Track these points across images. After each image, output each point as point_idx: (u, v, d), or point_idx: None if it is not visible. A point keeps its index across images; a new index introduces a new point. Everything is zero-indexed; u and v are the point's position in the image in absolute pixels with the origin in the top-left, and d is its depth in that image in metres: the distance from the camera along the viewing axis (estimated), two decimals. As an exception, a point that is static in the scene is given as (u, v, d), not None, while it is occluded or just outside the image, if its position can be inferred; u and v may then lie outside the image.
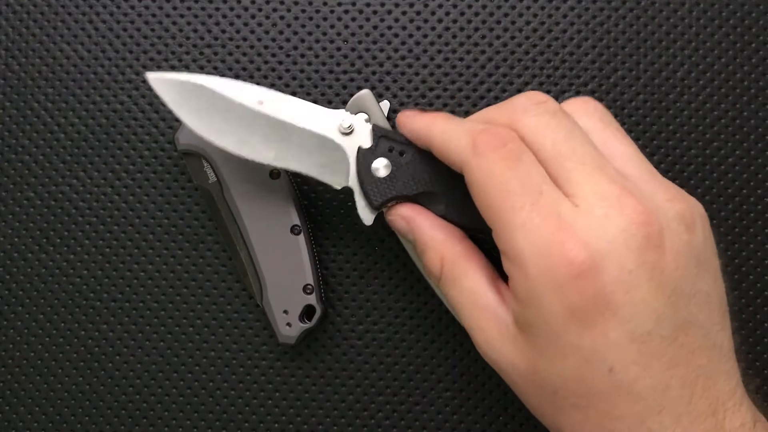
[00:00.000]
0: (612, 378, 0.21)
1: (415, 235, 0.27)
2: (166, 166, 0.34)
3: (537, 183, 0.23)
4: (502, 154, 0.23)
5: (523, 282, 0.22)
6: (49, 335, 0.34)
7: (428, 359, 0.33)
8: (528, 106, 0.24)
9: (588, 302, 0.21)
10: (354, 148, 0.28)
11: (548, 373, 0.22)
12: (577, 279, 0.21)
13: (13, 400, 0.33)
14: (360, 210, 0.28)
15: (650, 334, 0.21)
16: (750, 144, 0.34)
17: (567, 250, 0.21)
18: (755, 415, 0.23)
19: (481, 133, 0.24)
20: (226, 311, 0.33)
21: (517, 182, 0.22)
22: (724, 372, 0.22)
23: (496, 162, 0.23)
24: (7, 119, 0.34)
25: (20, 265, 0.34)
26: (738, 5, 0.34)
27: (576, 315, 0.21)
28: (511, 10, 0.34)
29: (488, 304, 0.24)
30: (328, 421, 0.33)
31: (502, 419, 0.33)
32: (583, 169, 0.23)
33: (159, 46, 0.34)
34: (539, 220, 0.22)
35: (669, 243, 0.22)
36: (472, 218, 0.26)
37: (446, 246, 0.26)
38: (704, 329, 0.22)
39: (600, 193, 0.22)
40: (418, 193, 0.27)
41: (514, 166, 0.23)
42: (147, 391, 0.33)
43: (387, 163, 0.28)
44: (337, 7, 0.34)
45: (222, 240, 0.33)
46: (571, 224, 0.22)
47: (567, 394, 0.22)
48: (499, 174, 0.23)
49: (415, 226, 0.27)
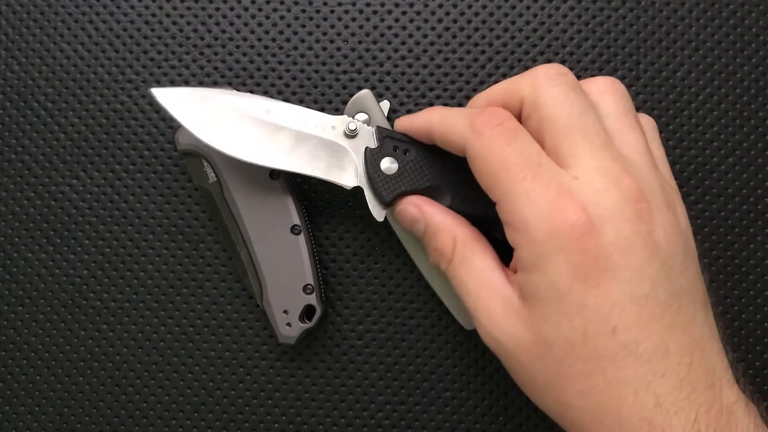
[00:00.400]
0: (616, 338, 0.22)
1: (427, 220, 0.28)
2: (166, 166, 0.34)
3: (536, 156, 0.24)
4: (499, 131, 0.24)
5: (528, 247, 0.23)
6: (49, 335, 0.34)
7: (428, 359, 0.33)
8: (551, 75, 0.25)
9: (590, 261, 0.22)
10: (359, 149, 0.30)
11: (553, 338, 0.23)
12: (579, 239, 0.22)
13: (13, 400, 0.33)
14: (371, 207, 0.30)
15: (648, 297, 0.22)
16: (750, 144, 0.34)
17: (569, 214, 0.22)
18: (745, 396, 0.23)
19: (479, 114, 0.25)
20: (226, 311, 0.33)
21: (517, 155, 0.24)
22: (716, 350, 0.23)
23: (495, 138, 0.24)
24: (7, 119, 0.34)
25: (20, 265, 0.34)
26: (738, 5, 0.34)
27: (580, 274, 0.22)
28: (511, 10, 0.34)
29: (495, 283, 0.25)
30: (328, 421, 0.33)
31: (502, 419, 0.33)
32: (590, 146, 0.24)
33: (159, 46, 0.34)
34: (541, 188, 0.23)
35: (659, 221, 0.23)
36: (477, 207, 0.28)
37: (458, 228, 0.27)
38: (694, 305, 0.23)
39: (601, 169, 0.23)
40: (425, 187, 0.29)
41: (513, 140, 0.24)
42: (147, 391, 0.33)
43: (393, 161, 0.29)
44: (337, 7, 0.34)
45: (222, 240, 0.33)
46: (571, 191, 0.23)
47: (573, 360, 0.23)
48: (499, 149, 0.24)
49: (427, 211, 0.28)
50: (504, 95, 0.27)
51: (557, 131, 0.24)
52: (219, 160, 0.31)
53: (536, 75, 0.25)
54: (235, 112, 0.30)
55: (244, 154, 0.30)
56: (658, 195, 0.24)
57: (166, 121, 0.34)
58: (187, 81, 0.34)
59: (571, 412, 0.23)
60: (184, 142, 0.32)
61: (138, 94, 0.34)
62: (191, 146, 0.32)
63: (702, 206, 0.34)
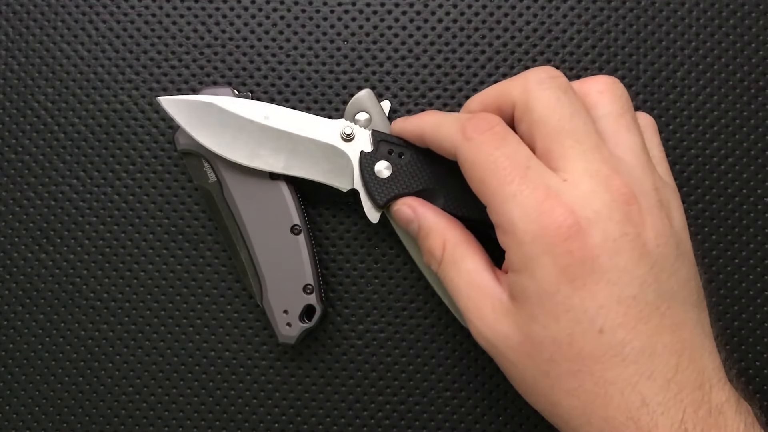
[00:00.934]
0: (602, 339, 0.22)
1: (420, 221, 0.29)
2: (166, 166, 0.34)
3: (524, 159, 0.24)
4: (488, 136, 0.25)
5: (516, 249, 0.24)
6: (49, 335, 0.34)
7: (428, 359, 0.33)
8: (542, 78, 0.26)
9: (577, 263, 0.23)
10: (356, 152, 0.30)
11: (542, 338, 0.23)
12: (566, 241, 0.23)
13: (13, 400, 0.33)
14: (366, 210, 0.30)
15: (635, 299, 0.23)
16: (750, 144, 0.34)
17: (556, 216, 0.23)
18: (737, 395, 0.24)
19: (469, 120, 0.26)
20: (226, 311, 0.33)
21: (505, 159, 0.24)
22: (708, 350, 0.24)
23: (485, 143, 0.25)
24: (7, 119, 0.34)
25: (20, 265, 0.34)
26: (738, 5, 0.34)
27: (567, 275, 0.23)
28: (511, 10, 0.34)
29: (485, 283, 0.26)
30: (328, 421, 0.33)
31: (502, 419, 0.33)
32: (579, 148, 0.24)
33: (159, 46, 0.34)
34: (529, 191, 0.23)
35: (650, 223, 0.23)
36: (469, 210, 0.29)
37: (448, 230, 0.28)
38: (685, 306, 0.24)
39: (590, 171, 0.24)
40: (419, 190, 0.29)
41: (501, 145, 0.25)
42: (147, 391, 0.33)
43: (388, 165, 0.30)
44: (337, 7, 0.34)
45: (222, 240, 0.33)
46: (558, 194, 0.23)
47: (561, 359, 0.23)
48: (487, 153, 0.25)
49: (420, 213, 0.29)
50: (496, 98, 0.27)
51: (547, 134, 0.25)
52: (219, 160, 0.31)
53: (527, 78, 0.26)
54: (235, 117, 0.30)
55: (244, 159, 0.31)
56: (651, 196, 0.24)
57: (166, 121, 0.34)
58: (187, 81, 0.34)
59: (560, 410, 0.24)
60: (184, 142, 0.32)
61: (138, 94, 0.34)
62: (191, 146, 0.32)
63: (702, 206, 0.34)
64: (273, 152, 0.31)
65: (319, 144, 0.31)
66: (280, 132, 0.31)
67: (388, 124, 0.32)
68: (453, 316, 0.32)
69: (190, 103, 0.31)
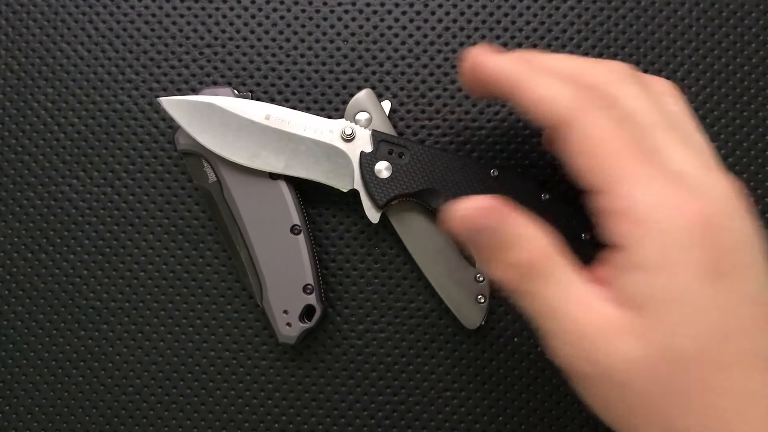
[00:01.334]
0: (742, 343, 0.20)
1: (506, 228, 0.23)
2: (166, 166, 0.34)
3: (649, 143, 0.22)
4: (611, 114, 0.22)
5: (653, 241, 0.21)
6: (49, 335, 0.34)
7: (428, 359, 0.33)
8: (626, 72, 0.24)
9: (722, 257, 0.20)
10: (356, 153, 0.30)
11: (676, 348, 0.20)
12: (712, 233, 0.20)
13: (13, 400, 0.33)
14: (366, 210, 0.31)
15: (763, 298, 0.21)
16: (750, 144, 0.34)
17: (697, 208, 0.21)
18: None
19: (588, 91, 0.23)
20: (226, 311, 0.33)
21: (632, 141, 0.22)
22: None
23: (608, 120, 0.22)
24: (7, 119, 0.34)
25: (20, 265, 0.34)
26: (738, 5, 0.34)
27: (715, 271, 0.20)
28: (511, 10, 0.34)
29: (589, 297, 0.22)
30: (328, 421, 0.33)
31: (502, 419, 0.33)
32: (671, 136, 0.23)
33: (159, 46, 0.34)
34: (662, 177, 0.21)
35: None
36: None
37: (539, 238, 0.23)
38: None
39: (698, 161, 0.22)
40: (419, 190, 0.29)
41: (626, 126, 0.22)
42: (147, 391, 0.33)
43: (388, 165, 0.30)
44: (337, 7, 0.34)
45: (222, 240, 0.33)
46: (691, 184, 0.21)
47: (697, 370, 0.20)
48: (611, 131, 0.22)
49: (501, 217, 0.23)
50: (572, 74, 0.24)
51: (644, 127, 0.23)
52: (219, 160, 0.31)
53: (611, 70, 0.24)
54: (236, 117, 0.31)
55: (245, 160, 0.31)
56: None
57: (166, 121, 0.34)
58: (187, 81, 0.34)
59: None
60: (184, 142, 0.32)
61: (138, 94, 0.34)
62: (191, 146, 0.32)
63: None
64: (273, 152, 0.31)
65: (319, 144, 0.31)
66: (280, 132, 0.31)
67: (388, 124, 0.32)
68: (453, 316, 0.32)
69: (191, 103, 0.31)
